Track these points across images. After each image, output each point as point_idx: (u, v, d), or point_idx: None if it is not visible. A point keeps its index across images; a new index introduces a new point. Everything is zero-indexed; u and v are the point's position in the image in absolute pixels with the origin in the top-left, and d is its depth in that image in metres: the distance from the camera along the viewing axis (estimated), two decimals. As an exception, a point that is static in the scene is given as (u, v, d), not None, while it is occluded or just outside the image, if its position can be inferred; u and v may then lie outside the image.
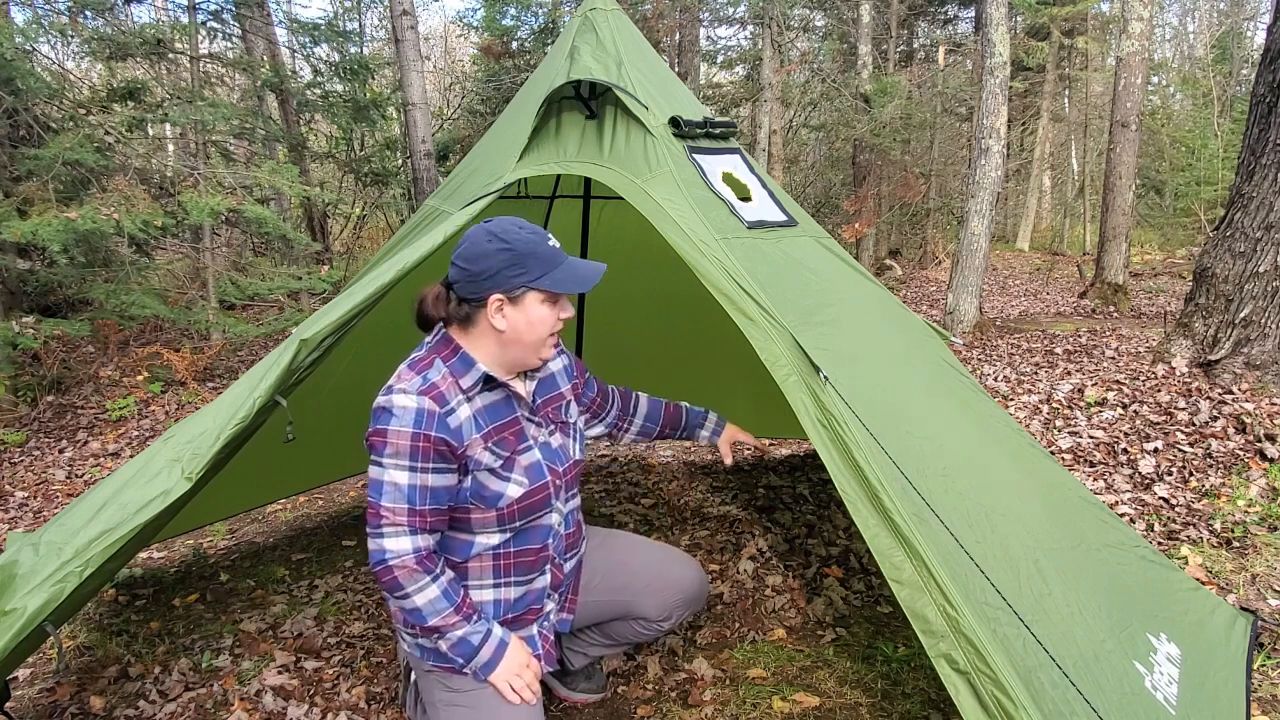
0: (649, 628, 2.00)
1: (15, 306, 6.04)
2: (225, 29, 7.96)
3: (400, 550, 1.55)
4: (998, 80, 7.13)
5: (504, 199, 2.15)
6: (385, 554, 1.55)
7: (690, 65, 13.21)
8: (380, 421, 1.54)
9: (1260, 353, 3.89)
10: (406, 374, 1.59)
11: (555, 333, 1.64)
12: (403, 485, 1.53)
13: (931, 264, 13.95)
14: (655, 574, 1.97)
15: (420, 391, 1.54)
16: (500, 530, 1.67)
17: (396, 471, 1.53)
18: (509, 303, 1.57)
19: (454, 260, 1.58)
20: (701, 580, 2.03)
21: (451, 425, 1.56)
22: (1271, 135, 3.80)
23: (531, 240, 1.56)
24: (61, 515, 1.89)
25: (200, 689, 2.34)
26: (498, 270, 1.54)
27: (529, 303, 1.58)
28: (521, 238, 1.55)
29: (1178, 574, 2.26)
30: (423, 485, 1.55)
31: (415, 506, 1.55)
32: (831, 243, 2.33)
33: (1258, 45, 16.97)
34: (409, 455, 1.53)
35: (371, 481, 1.56)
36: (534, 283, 1.56)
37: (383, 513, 1.54)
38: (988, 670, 1.34)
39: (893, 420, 1.76)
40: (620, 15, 2.32)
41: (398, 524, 1.54)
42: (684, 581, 1.99)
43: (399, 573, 1.55)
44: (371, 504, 1.56)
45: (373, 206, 10.55)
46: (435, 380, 1.57)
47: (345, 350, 2.34)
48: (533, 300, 1.58)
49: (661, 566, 1.99)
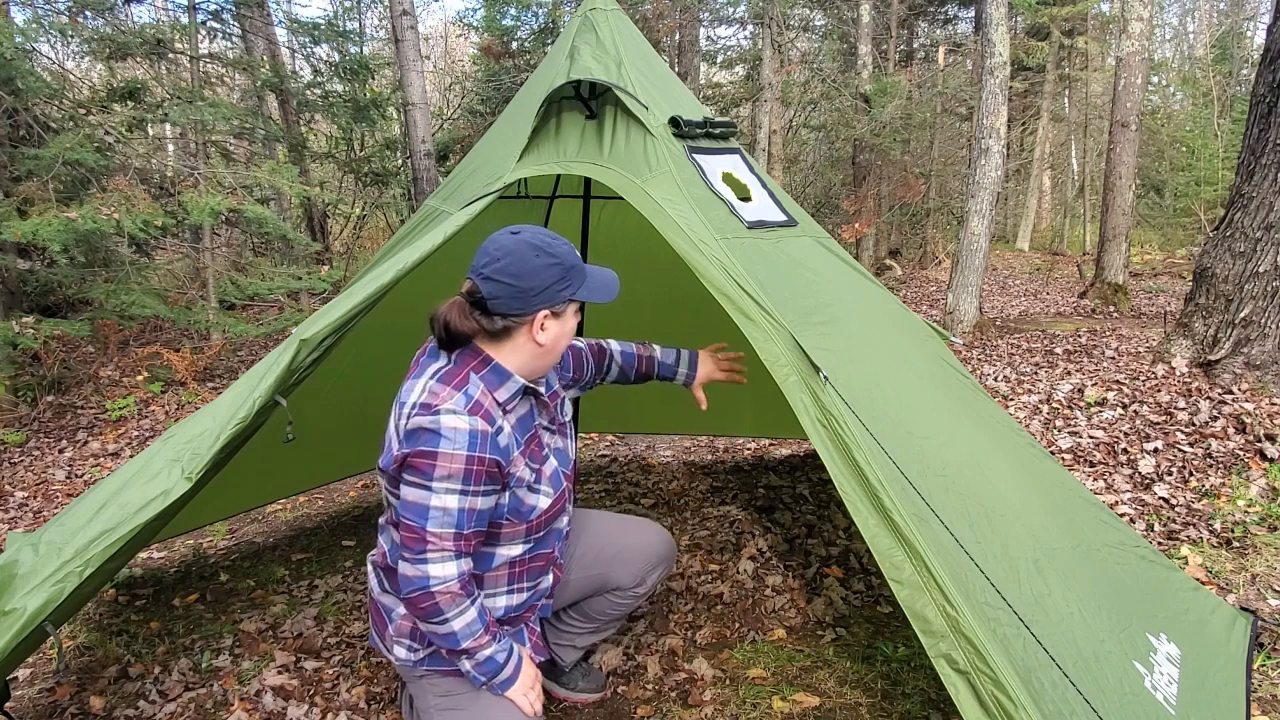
0: (626, 596, 2.01)
1: (15, 306, 6.04)
2: (225, 29, 7.96)
3: (446, 576, 1.50)
4: (998, 80, 7.13)
5: (504, 199, 2.15)
6: (430, 580, 1.49)
7: (690, 65, 13.21)
8: (427, 443, 1.46)
9: (1260, 353, 3.89)
10: (443, 391, 1.50)
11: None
12: (453, 510, 1.48)
13: (931, 264, 13.95)
14: (623, 543, 1.99)
15: (469, 411, 1.48)
16: (524, 541, 1.67)
17: (448, 496, 1.47)
18: (553, 316, 1.56)
19: (492, 276, 1.50)
20: (668, 541, 2.05)
21: (501, 445, 1.52)
22: (1271, 135, 3.80)
23: (570, 252, 1.56)
24: (61, 515, 1.89)
25: (200, 689, 2.34)
26: (549, 285, 1.52)
27: (568, 314, 1.59)
28: (563, 250, 1.54)
29: (1178, 574, 2.27)
30: (471, 508, 1.50)
31: (463, 530, 1.50)
32: (831, 243, 2.33)
33: (1258, 45, 16.97)
34: (462, 479, 1.47)
35: (412, 505, 1.49)
36: (576, 294, 1.56)
37: (429, 538, 1.48)
38: (988, 670, 1.34)
39: (893, 420, 1.76)
40: (620, 15, 2.32)
41: (444, 549, 1.49)
42: (651, 544, 2.01)
43: (441, 599, 1.50)
44: (414, 528, 1.49)
45: (373, 206, 10.55)
46: (477, 397, 1.51)
47: (345, 350, 2.34)
48: (571, 311, 1.59)
49: (627, 535, 2.02)
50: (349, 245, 10.91)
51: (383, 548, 1.74)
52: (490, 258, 1.52)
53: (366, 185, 9.82)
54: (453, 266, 2.57)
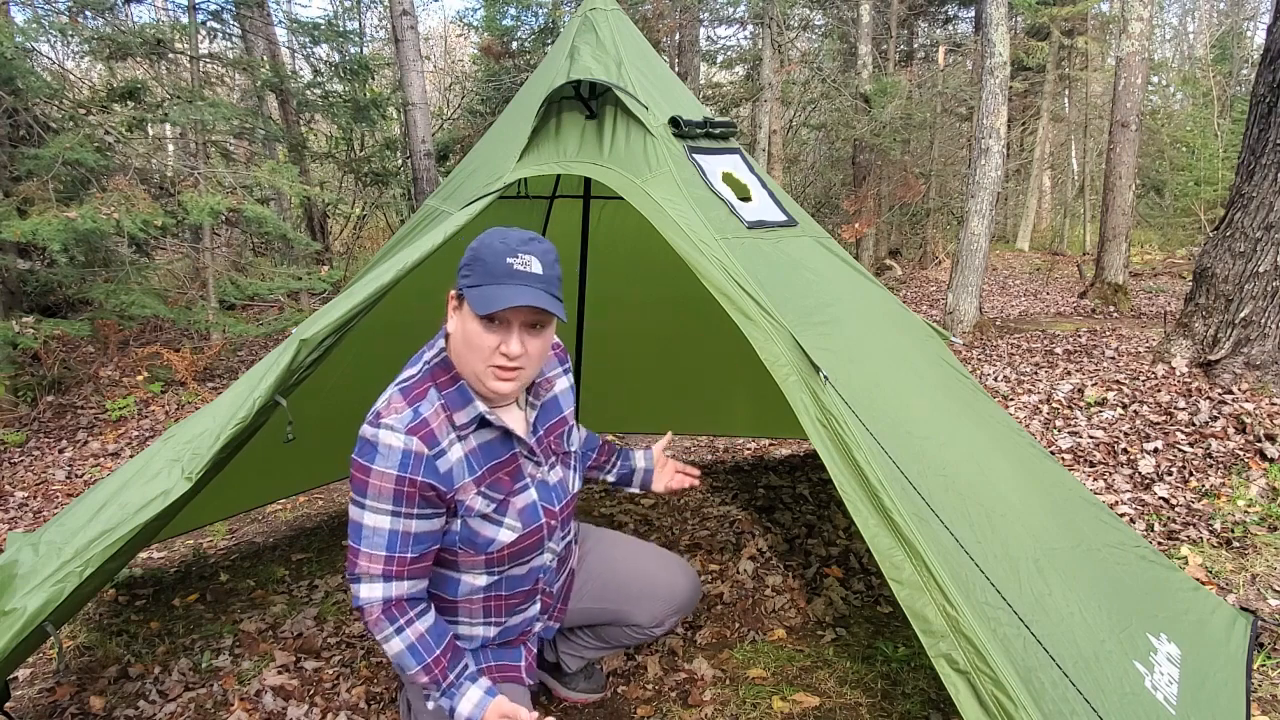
0: (641, 633, 1.97)
1: (15, 306, 6.04)
2: (225, 29, 7.96)
3: (370, 599, 1.48)
4: (998, 80, 7.13)
5: (504, 199, 2.15)
6: (358, 600, 1.49)
7: (690, 65, 13.20)
8: (364, 456, 1.44)
9: (1260, 353, 3.89)
10: (398, 401, 1.47)
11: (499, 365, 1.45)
12: (383, 530, 1.45)
13: (931, 264, 13.95)
14: (647, 582, 1.92)
15: (409, 430, 1.44)
16: (487, 573, 1.61)
17: (378, 516, 1.44)
18: (458, 304, 1.48)
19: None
20: (694, 587, 1.97)
21: (441, 469, 1.47)
22: (1271, 135, 3.80)
23: (496, 249, 1.42)
24: (61, 515, 1.89)
25: (200, 689, 2.34)
26: (461, 266, 1.47)
27: (466, 312, 1.45)
28: (490, 243, 1.43)
29: (1178, 574, 2.27)
30: (405, 531, 1.46)
31: (394, 553, 1.47)
32: (831, 243, 2.33)
33: (1258, 45, 16.97)
34: (392, 499, 1.44)
35: (351, 523, 1.48)
36: (465, 288, 1.44)
37: (360, 559, 1.47)
38: (988, 670, 1.34)
39: (893, 420, 1.76)
40: (620, 15, 2.32)
41: (372, 571, 1.47)
42: (676, 590, 1.93)
43: (369, 619, 1.50)
44: (350, 547, 1.49)
45: (373, 206, 10.55)
46: (426, 415, 1.46)
47: (345, 350, 2.34)
48: (469, 311, 1.44)
49: (653, 575, 1.93)
50: (349, 245, 10.91)
51: None
52: None
53: (366, 185, 9.82)
54: (453, 267, 2.57)
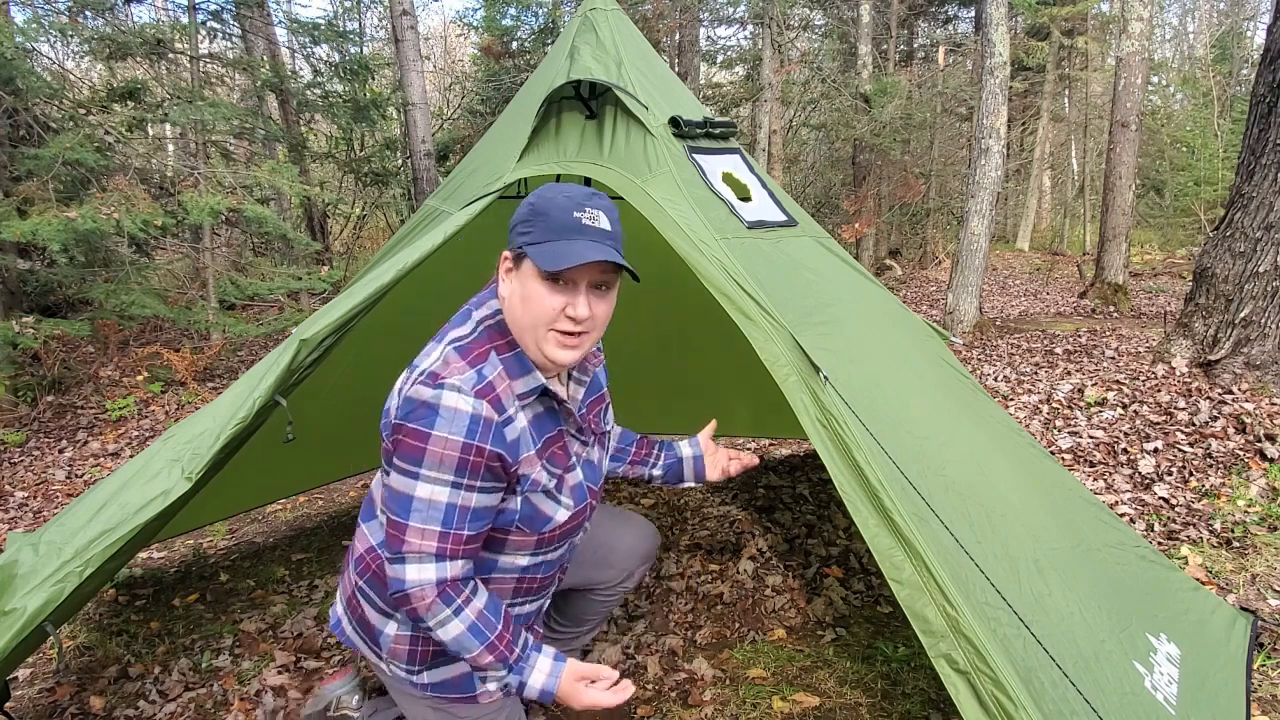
0: (612, 591, 1.91)
1: (15, 306, 6.04)
2: (225, 29, 7.96)
3: (422, 580, 1.31)
4: (998, 80, 7.13)
5: (504, 199, 2.15)
6: (405, 584, 1.32)
7: (690, 65, 13.20)
8: (422, 420, 1.27)
9: (1260, 353, 3.89)
10: (456, 363, 1.32)
11: (564, 330, 1.35)
12: (440, 504, 1.29)
13: (931, 264, 13.95)
14: (615, 539, 1.87)
15: (477, 393, 1.29)
16: (533, 554, 1.50)
17: (436, 487, 1.28)
18: (514, 265, 1.36)
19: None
20: (654, 533, 1.94)
21: (508, 438, 1.34)
22: (1271, 135, 3.80)
23: (561, 202, 1.31)
24: (61, 515, 1.89)
25: (200, 689, 2.34)
26: (520, 220, 1.35)
27: (525, 272, 1.33)
28: (553, 197, 1.32)
29: (1177, 574, 2.27)
30: (464, 505, 1.31)
31: (451, 529, 1.31)
32: (831, 243, 2.33)
33: (1258, 45, 16.97)
34: (455, 469, 1.28)
35: (397, 495, 1.31)
36: (526, 245, 1.32)
37: (408, 535, 1.30)
38: (988, 670, 1.34)
39: (893, 420, 1.76)
40: (620, 15, 2.32)
41: (424, 549, 1.31)
42: (642, 538, 1.90)
43: (419, 605, 1.33)
44: (395, 521, 1.31)
45: (373, 206, 10.55)
46: (492, 379, 1.33)
47: (345, 350, 2.34)
48: (529, 270, 1.32)
49: (618, 531, 1.89)
50: (349, 245, 10.91)
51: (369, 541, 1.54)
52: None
53: (366, 185, 9.82)
54: (453, 267, 2.57)
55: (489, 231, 3.19)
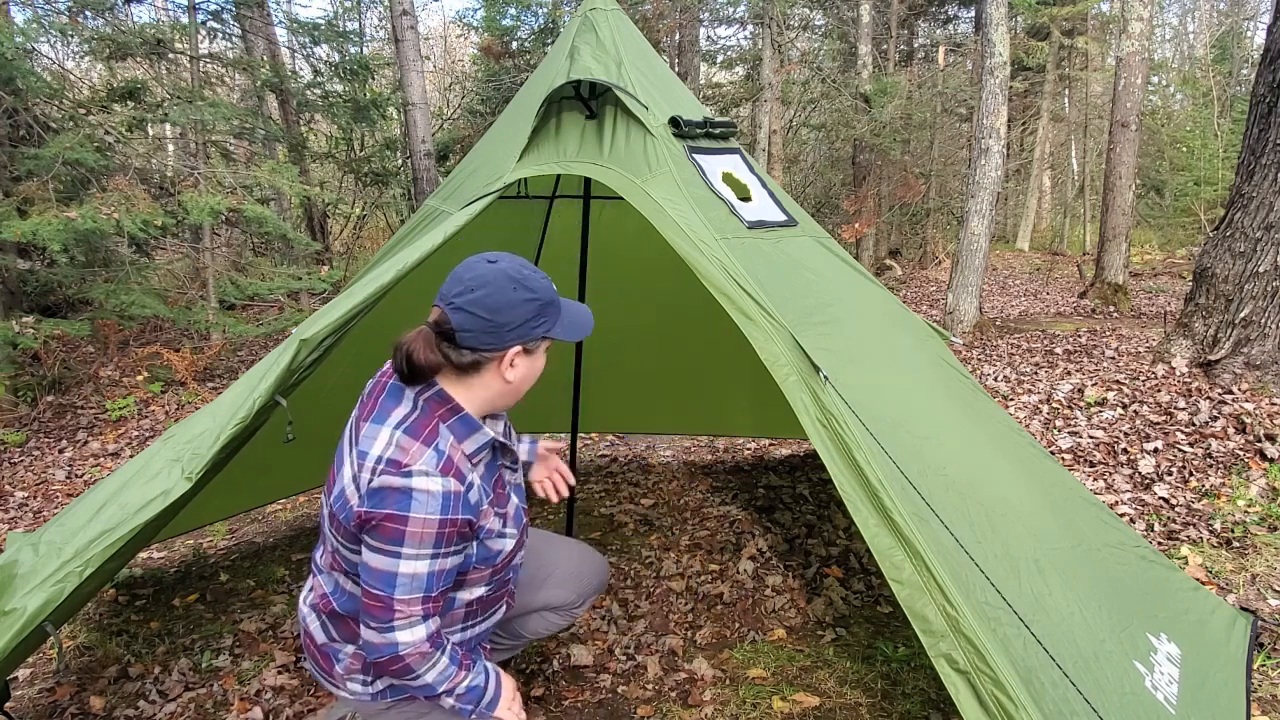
0: (564, 614, 1.97)
1: (15, 306, 6.04)
2: (225, 29, 7.96)
3: (415, 640, 1.43)
4: (998, 80, 7.13)
5: (504, 199, 2.15)
6: (398, 646, 1.42)
7: (690, 65, 13.20)
8: (397, 506, 1.35)
9: (1260, 353, 3.89)
10: (413, 447, 1.40)
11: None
12: (422, 575, 1.39)
13: (931, 264, 13.95)
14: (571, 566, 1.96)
15: (442, 470, 1.39)
16: (487, 584, 1.60)
17: (418, 563, 1.38)
18: (525, 353, 1.48)
19: (464, 307, 1.40)
20: (605, 564, 2.03)
21: (472, 501, 1.44)
22: (1271, 135, 3.80)
23: (548, 288, 1.48)
24: (61, 515, 1.89)
25: (200, 689, 2.34)
26: (524, 321, 1.43)
27: (540, 351, 1.51)
28: (543, 286, 1.47)
29: (1178, 574, 2.27)
30: (440, 570, 1.42)
31: (432, 593, 1.42)
32: (831, 243, 2.33)
33: (1258, 45, 16.97)
34: (433, 544, 1.38)
35: (377, 572, 1.39)
36: (550, 332, 1.48)
37: (396, 606, 1.39)
38: (988, 670, 1.34)
39: (893, 420, 1.76)
40: (620, 15, 2.32)
41: (411, 615, 1.41)
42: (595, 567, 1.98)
43: (410, 660, 1.44)
44: (379, 596, 1.39)
45: (373, 206, 10.55)
46: (448, 453, 1.42)
47: (345, 350, 2.34)
48: (543, 349, 1.52)
49: (573, 558, 1.97)
50: (349, 245, 10.91)
51: (323, 589, 1.61)
52: (464, 286, 1.41)
53: (366, 185, 9.82)
54: (452, 267, 2.57)
55: (489, 231, 3.20)
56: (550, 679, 2.31)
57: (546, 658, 2.40)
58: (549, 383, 4.36)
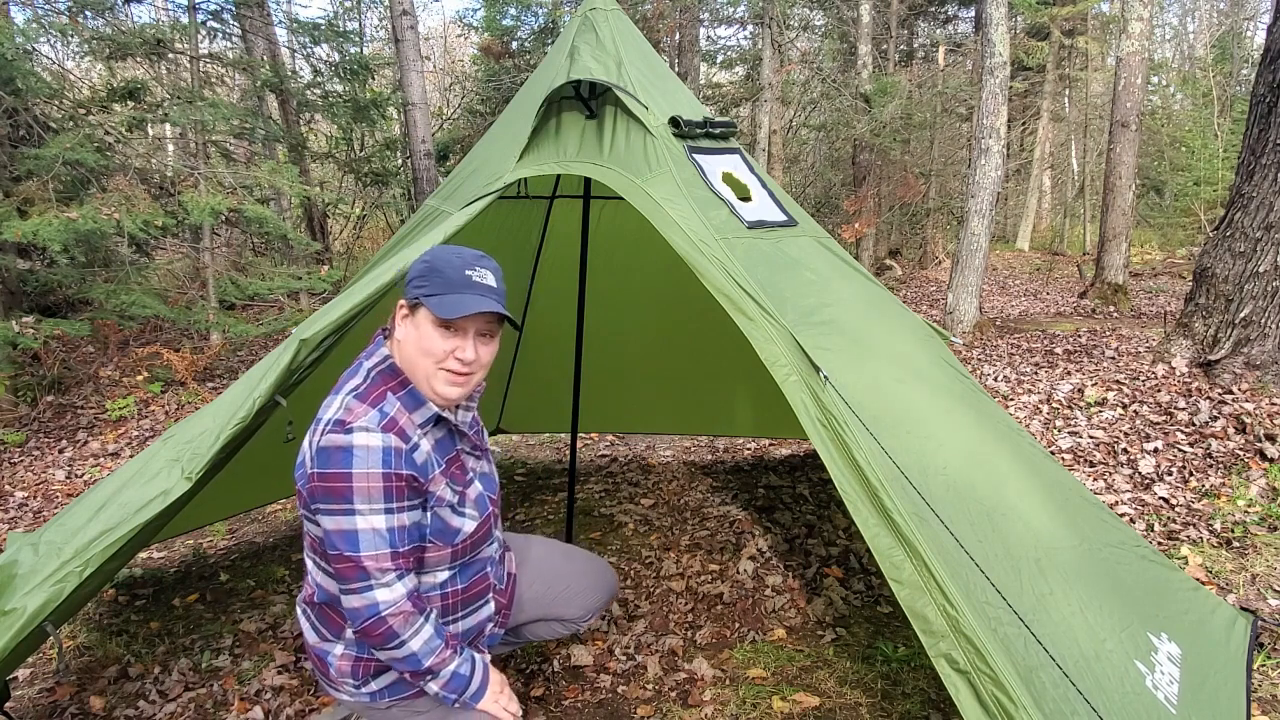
0: (570, 626, 1.99)
1: (15, 306, 6.04)
2: (225, 29, 7.96)
3: (395, 598, 1.45)
4: (998, 80, 7.13)
5: (504, 199, 2.15)
6: (379, 606, 1.44)
7: (690, 65, 13.20)
8: (340, 463, 1.41)
9: (1260, 353, 3.89)
10: (357, 406, 1.47)
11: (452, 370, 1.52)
12: (383, 530, 1.43)
13: (931, 264, 13.94)
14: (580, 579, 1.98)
15: (383, 428, 1.45)
16: (449, 567, 1.62)
17: (374, 517, 1.42)
18: (410, 312, 1.53)
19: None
20: (615, 578, 2.06)
21: (418, 461, 1.49)
22: (1271, 135, 3.80)
23: (453, 262, 1.51)
24: (61, 515, 1.89)
25: (200, 689, 2.34)
26: (413, 277, 1.53)
27: (421, 318, 1.51)
28: (445, 257, 1.52)
29: (1178, 574, 2.27)
30: (400, 526, 1.46)
31: (399, 549, 1.46)
32: (831, 243, 2.33)
33: (1258, 45, 16.97)
34: (383, 497, 1.43)
35: (339, 534, 1.42)
36: (424, 297, 1.50)
37: (364, 563, 1.43)
38: (988, 670, 1.34)
39: (893, 420, 1.76)
40: (620, 15, 2.32)
41: (384, 570, 1.44)
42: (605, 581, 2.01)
43: (394, 621, 1.46)
44: (348, 558, 1.42)
45: (373, 206, 10.54)
46: (393, 414, 1.48)
47: (345, 350, 2.34)
48: (425, 317, 1.51)
49: (584, 571, 2.00)
50: (349, 245, 10.91)
51: (307, 581, 1.66)
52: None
53: (366, 185, 9.82)
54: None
55: (489, 231, 3.20)
56: (550, 679, 2.32)
57: (546, 658, 2.40)
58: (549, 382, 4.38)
